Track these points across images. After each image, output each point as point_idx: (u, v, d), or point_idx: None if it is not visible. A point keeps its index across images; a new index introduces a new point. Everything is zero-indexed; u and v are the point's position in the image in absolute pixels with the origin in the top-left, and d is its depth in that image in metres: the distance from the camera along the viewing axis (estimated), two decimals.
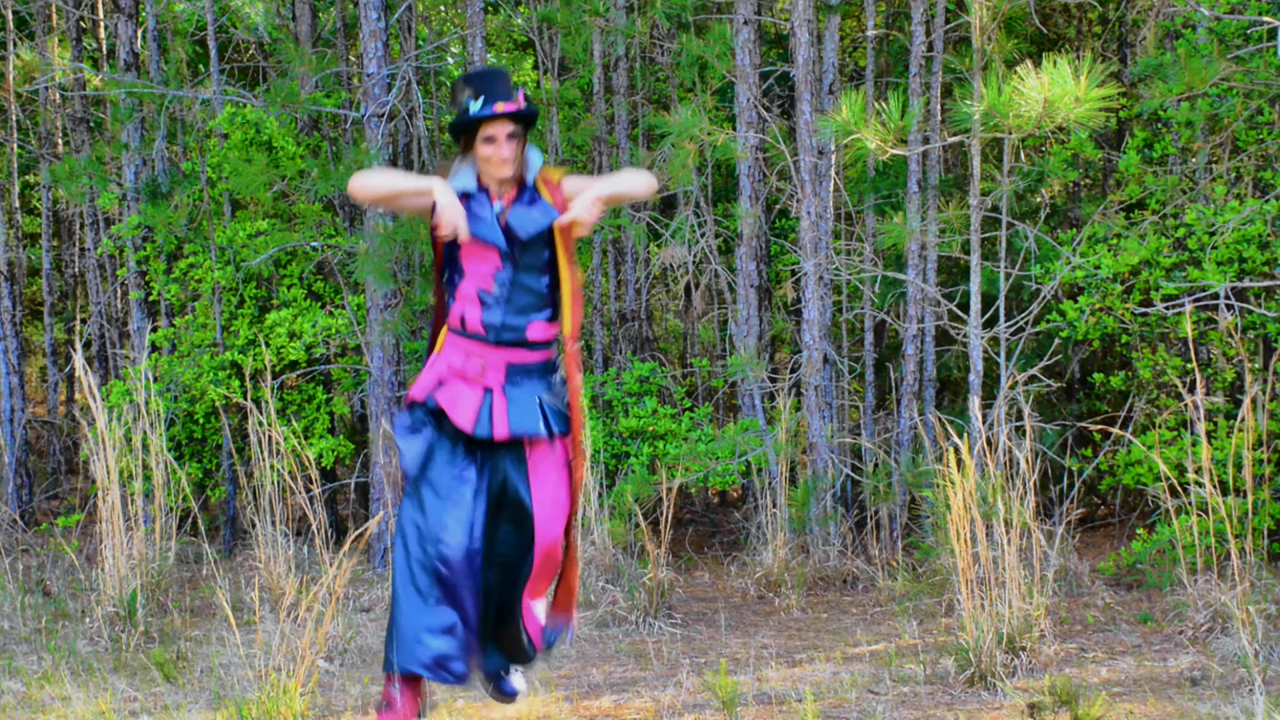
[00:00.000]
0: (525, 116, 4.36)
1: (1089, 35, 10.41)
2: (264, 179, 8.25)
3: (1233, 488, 6.51)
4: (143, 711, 5.13)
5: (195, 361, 8.71)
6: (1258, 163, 7.87)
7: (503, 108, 4.31)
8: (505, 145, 4.34)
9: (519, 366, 4.43)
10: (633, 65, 9.76)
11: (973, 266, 7.28)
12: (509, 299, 4.42)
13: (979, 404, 6.60)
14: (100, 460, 6.38)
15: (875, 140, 6.79)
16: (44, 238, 11.41)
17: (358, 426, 10.36)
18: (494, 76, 4.40)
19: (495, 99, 4.32)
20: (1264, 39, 7.10)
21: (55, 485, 11.13)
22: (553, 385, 4.50)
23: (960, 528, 5.29)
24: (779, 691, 5.28)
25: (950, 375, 9.29)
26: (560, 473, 4.42)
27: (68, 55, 10.43)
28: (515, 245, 4.39)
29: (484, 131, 4.34)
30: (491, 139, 4.34)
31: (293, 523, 8.41)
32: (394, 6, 9.23)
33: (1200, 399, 5.85)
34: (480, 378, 4.42)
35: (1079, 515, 7.76)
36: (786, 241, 9.07)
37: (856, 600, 7.21)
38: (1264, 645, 5.35)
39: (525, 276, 4.41)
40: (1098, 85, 6.46)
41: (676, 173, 8.00)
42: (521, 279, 4.41)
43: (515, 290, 4.42)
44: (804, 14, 7.78)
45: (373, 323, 8.05)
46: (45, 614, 6.76)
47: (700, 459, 7.84)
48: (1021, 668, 5.39)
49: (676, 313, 12.71)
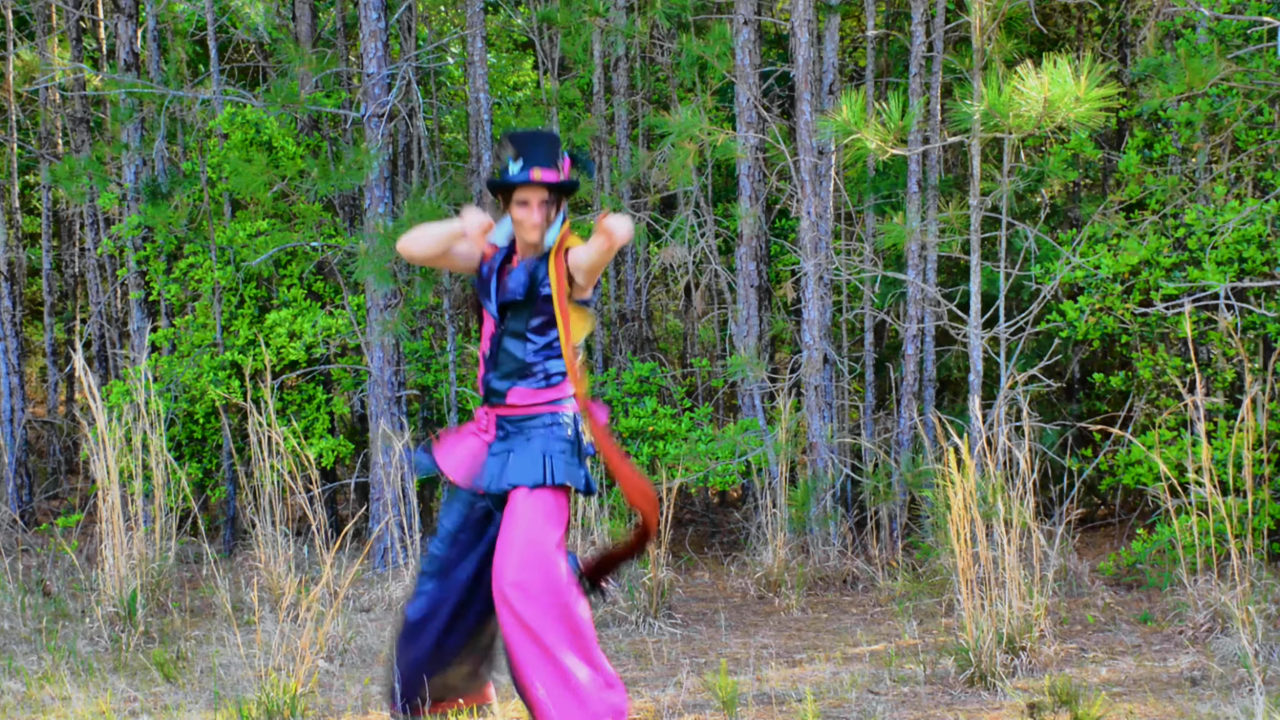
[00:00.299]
0: (561, 188, 4.38)
1: (1089, 35, 10.41)
2: (264, 179, 8.25)
3: (1233, 488, 6.51)
4: (143, 711, 5.13)
5: (195, 361, 8.70)
6: (1258, 163, 7.87)
7: (539, 175, 4.33)
8: (536, 210, 4.37)
9: (509, 419, 4.48)
10: (633, 65, 9.76)
11: (973, 266, 7.28)
12: (497, 362, 4.48)
13: (979, 404, 6.60)
14: (100, 460, 6.38)
15: (875, 140, 6.79)
16: (44, 238, 11.41)
17: (358, 426, 10.36)
18: (539, 140, 4.41)
19: (534, 164, 4.34)
20: (1264, 39, 7.10)
21: (55, 485, 11.13)
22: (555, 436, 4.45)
23: (960, 528, 5.29)
24: (779, 691, 5.28)
25: (950, 375, 9.29)
26: (531, 520, 4.33)
27: (68, 55, 10.43)
28: (503, 308, 4.44)
29: (519, 195, 4.37)
30: (525, 203, 4.38)
31: (293, 523, 8.41)
32: (394, 6, 9.23)
33: (1200, 399, 5.85)
34: (486, 431, 4.52)
35: (1079, 515, 7.76)
36: (786, 241, 9.07)
37: (856, 600, 7.21)
38: (1264, 645, 5.35)
39: (509, 341, 4.45)
40: (1098, 85, 6.46)
41: (676, 173, 8.00)
42: (506, 343, 4.46)
43: (500, 353, 4.47)
44: (804, 14, 7.78)
45: (373, 323, 8.05)
46: (45, 614, 6.76)
47: (700, 459, 7.84)
48: (1021, 668, 5.39)
49: (676, 313, 12.71)
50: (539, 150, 4.36)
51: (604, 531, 7.22)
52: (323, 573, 5.05)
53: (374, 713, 5.12)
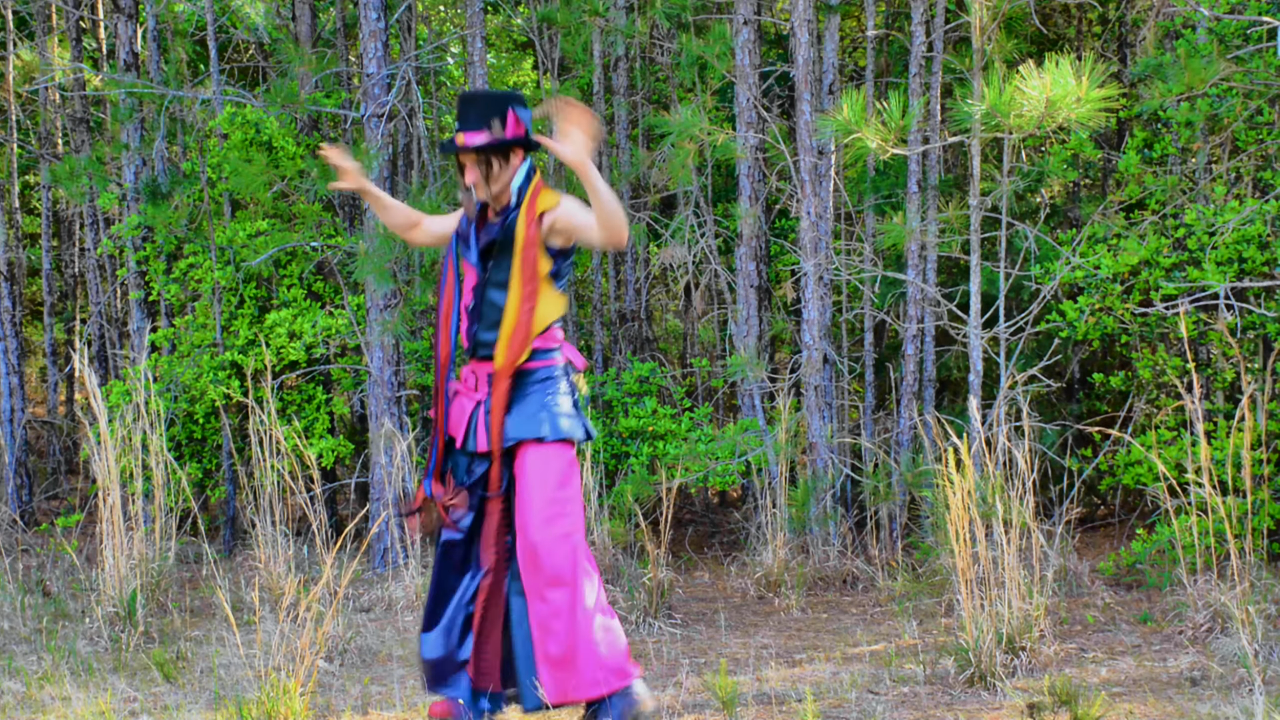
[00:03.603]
0: (488, 149, 4.45)
1: (1089, 35, 10.41)
2: (264, 179, 8.25)
3: (1232, 488, 6.51)
4: (143, 711, 5.14)
5: (195, 361, 8.70)
6: (1258, 163, 7.88)
7: (462, 140, 4.45)
8: (470, 171, 4.49)
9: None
10: (633, 65, 9.76)
11: (973, 266, 7.28)
12: (481, 314, 4.51)
13: (979, 404, 6.60)
14: (100, 460, 6.38)
15: (875, 140, 6.79)
16: (44, 238, 11.41)
17: (358, 426, 10.36)
18: (471, 102, 4.52)
19: (461, 128, 4.47)
20: (1264, 39, 7.10)
21: (55, 485, 11.13)
22: (548, 391, 4.51)
23: (960, 528, 5.29)
24: (779, 691, 5.28)
25: (950, 375, 9.29)
26: (546, 474, 4.44)
27: (68, 55, 10.43)
28: (484, 255, 4.51)
29: (461, 158, 4.52)
30: (461, 165, 4.51)
31: (293, 523, 8.41)
32: (394, 6, 9.23)
33: (1199, 399, 5.85)
34: (475, 391, 4.52)
35: (1079, 515, 7.77)
36: (786, 241, 9.07)
37: (856, 600, 7.21)
38: (1264, 645, 5.35)
39: (492, 291, 4.51)
40: (1099, 85, 6.46)
41: (676, 173, 8.01)
42: (489, 293, 4.51)
43: (484, 305, 4.52)
44: (804, 14, 7.78)
45: (373, 323, 8.05)
46: (45, 614, 6.76)
47: (700, 459, 7.84)
48: (1021, 668, 5.40)
49: (676, 313, 12.71)
50: (468, 113, 4.47)
51: (604, 531, 7.23)
52: (323, 573, 5.05)
53: (374, 713, 5.12)
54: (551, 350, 4.54)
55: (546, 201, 4.47)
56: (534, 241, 4.43)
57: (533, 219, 4.45)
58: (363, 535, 8.39)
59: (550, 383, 4.50)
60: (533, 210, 4.46)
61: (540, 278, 4.47)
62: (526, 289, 4.44)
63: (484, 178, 4.47)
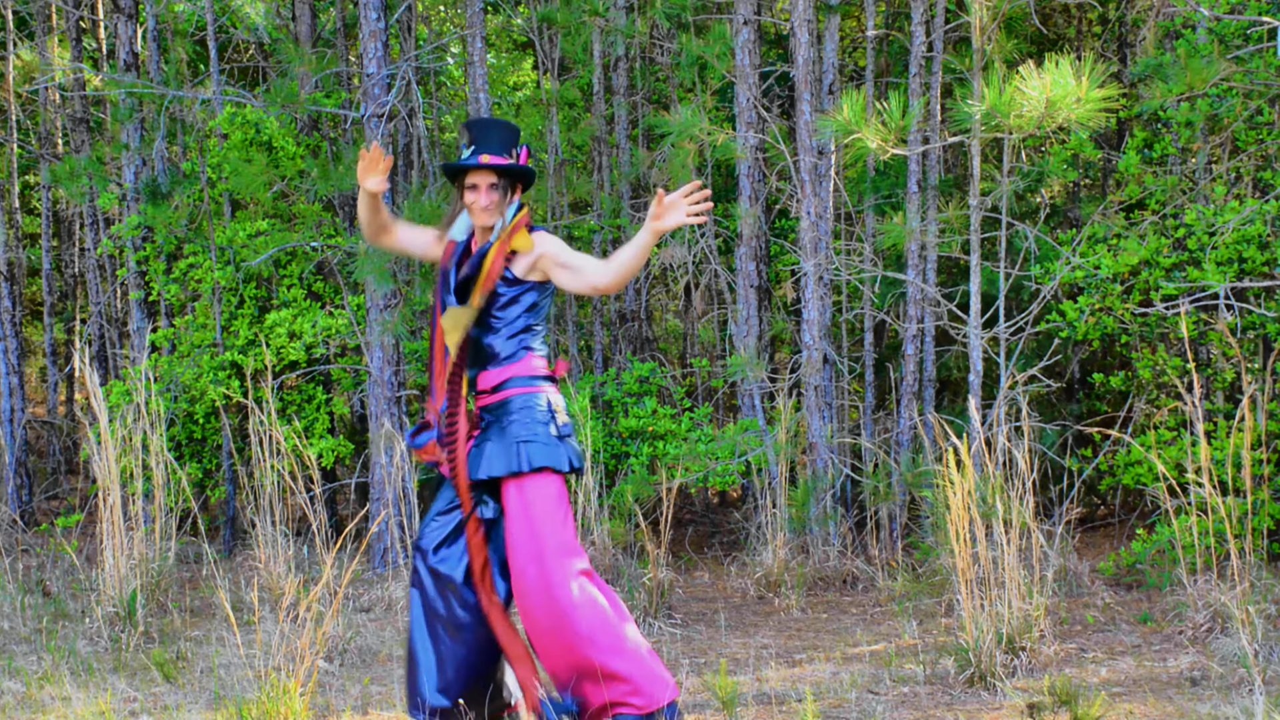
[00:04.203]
0: (510, 173, 4.47)
1: (1089, 35, 10.41)
2: (264, 179, 8.25)
3: (1232, 488, 6.51)
4: (143, 711, 5.14)
5: (195, 361, 8.70)
6: (1258, 163, 7.87)
7: (487, 159, 4.44)
8: (485, 194, 4.47)
9: (486, 409, 4.53)
10: (633, 65, 9.76)
11: (973, 266, 7.28)
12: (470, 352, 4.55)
13: (978, 404, 6.60)
14: (100, 460, 6.38)
15: (875, 140, 6.79)
16: (44, 238, 11.41)
17: (358, 426, 10.36)
18: (492, 127, 4.52)
19: (484, 149, 4.46)
20: (1264, 39, 7.10)
21: (55, 485, 11.13)
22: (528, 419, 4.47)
23: (960, 528, 5.29)
24: (779, 691, 5.28)
25: (950, 375, 9.29)
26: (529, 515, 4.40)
27: (68, 55, 10.43)
28: (460, 291, 4.51)
29: (469, 179, 4.49)
30: (475, 187, 4.48)
31: (293, 523, 8.41)
32: (394, 6, 9.23)
33: (1199, 399, 5.85)
34: (474, 429, 4.57)
35: (1079, 515, 7.76)
36: (786, 241, 9.07)
37: (856, 600, 7.21)
38: (1264, 645, 5.35)
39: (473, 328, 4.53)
40: (1099, 85, 6.46)
41: (676, 173, 8.01)
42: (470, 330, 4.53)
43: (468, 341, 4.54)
44: (804, 14, 7.78)
45: (373, 323, 8.05)
46: (45, 614, 6.76)
47: (700, 459, 7.84)
48: (1021, 668, 5.40)
49: (676, 313, 12.72)
50: (491, 136, 4.48)
51: (604, 531, 7.23)
52: (323, 573, 5.05)
53: (374, 713, 5.13)
54: (532, 378, 4.52)
55: (521, 243, 4.47)
56: (495, 276, 4.45)
57: (502, 254, 4.45)
58: (363, 535, 8.39)
59: (527, 411, 4.47)
60: (504, 246, 4.46)
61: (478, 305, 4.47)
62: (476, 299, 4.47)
63: (495, 204, 4.47)
